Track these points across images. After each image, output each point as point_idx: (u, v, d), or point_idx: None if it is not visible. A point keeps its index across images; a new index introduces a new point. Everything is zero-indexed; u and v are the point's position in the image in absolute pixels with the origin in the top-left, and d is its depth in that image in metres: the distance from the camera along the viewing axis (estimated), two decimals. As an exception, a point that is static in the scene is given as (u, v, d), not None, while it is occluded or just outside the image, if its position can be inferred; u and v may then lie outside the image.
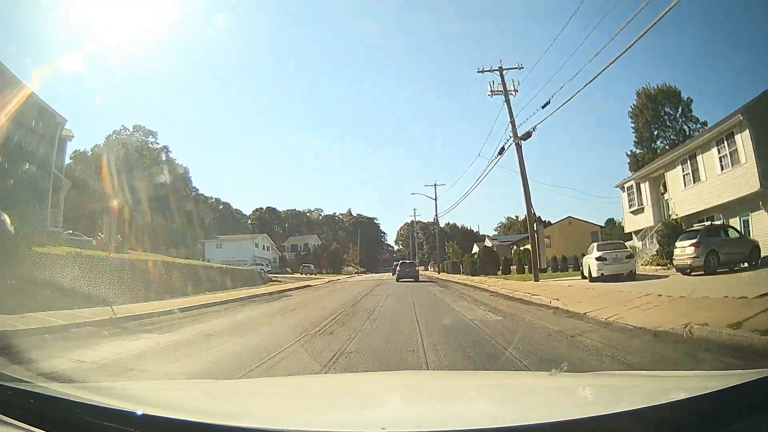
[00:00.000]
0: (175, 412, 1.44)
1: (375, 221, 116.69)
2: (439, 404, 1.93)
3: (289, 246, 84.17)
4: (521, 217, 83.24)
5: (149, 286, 15.72)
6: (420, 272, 49.43)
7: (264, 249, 65.00)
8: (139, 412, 1.30)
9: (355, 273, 69.41)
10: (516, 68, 23.12)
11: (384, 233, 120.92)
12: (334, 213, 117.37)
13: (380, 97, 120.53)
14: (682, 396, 1.43)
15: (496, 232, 75.62)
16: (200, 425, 1.28)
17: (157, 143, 56.12)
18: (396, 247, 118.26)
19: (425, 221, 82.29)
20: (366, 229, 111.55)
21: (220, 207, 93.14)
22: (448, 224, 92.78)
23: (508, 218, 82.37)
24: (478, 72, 23.37)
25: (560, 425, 1.23)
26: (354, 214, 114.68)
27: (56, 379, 4.35)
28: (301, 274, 52.89)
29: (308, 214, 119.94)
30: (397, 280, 30.35)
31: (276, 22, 78.04)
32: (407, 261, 38.30)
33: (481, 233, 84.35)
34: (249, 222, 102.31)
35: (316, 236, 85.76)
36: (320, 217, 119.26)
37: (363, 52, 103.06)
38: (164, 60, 75.76)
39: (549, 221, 44.75)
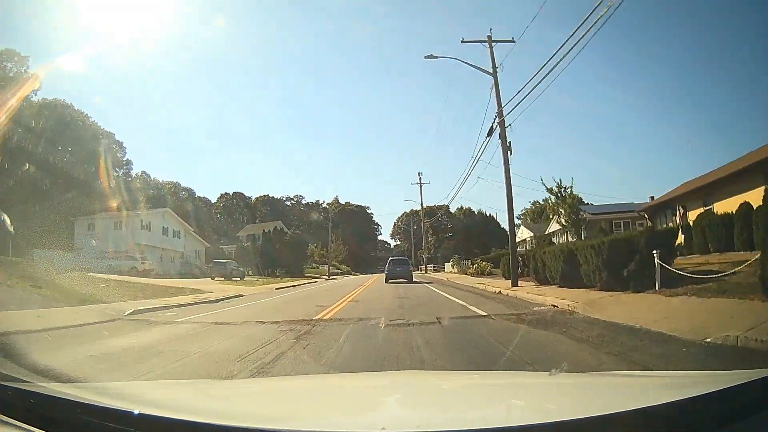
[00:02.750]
0: (173, 412, 1.48)
1: (367, 210, 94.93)
2: (439, 404, 1.96)
3: (245, 237, 61.32)
4: (553, 201, 60.34)
5: None
6: (431, 276, 39.70)
7: (167, 234, 41.63)
8: (136, 412, 1.34)
9: (328, 276, 45.04)
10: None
11: (378, 225, 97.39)
12: (317, 200, 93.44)
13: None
14: (682, 396, 1.46)
15: (519, 222, 52.66)
16: (199, 425, 1.31)
17: (29, 71, 34.67)
18: (393, 243, 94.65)
19: (429, 206, 57.76)
20: (355, 220, 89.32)
21: (182, 193, 72.93)
22: (460, 209, 68.84)
23: (535, 203, 59.45)
24: None
25: (560, 425, 1.26)
26: (342, 202, 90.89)
27: None
28: (213, 278, 29.23)
29: (286, 202, 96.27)
30: (387, 281, 26.74)
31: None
32: (397, 258, 33.49)
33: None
34: (214, 211, 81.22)
35: (281, 222, 62.19)
36: (301, 207, 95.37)
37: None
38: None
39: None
